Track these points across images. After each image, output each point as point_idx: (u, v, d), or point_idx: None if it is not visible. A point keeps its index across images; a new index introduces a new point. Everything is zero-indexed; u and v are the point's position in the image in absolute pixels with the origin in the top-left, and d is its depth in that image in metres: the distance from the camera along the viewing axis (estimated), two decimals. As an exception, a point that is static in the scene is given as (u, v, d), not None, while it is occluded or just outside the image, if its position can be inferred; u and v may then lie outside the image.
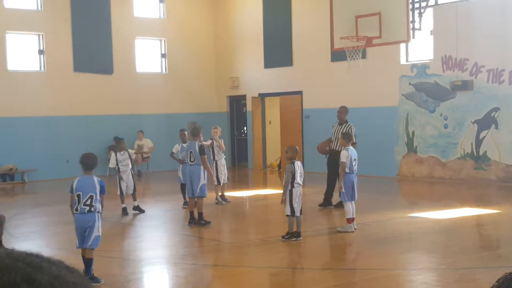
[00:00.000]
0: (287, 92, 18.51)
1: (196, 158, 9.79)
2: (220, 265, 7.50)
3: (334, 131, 11.10)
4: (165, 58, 19.91)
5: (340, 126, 11.00)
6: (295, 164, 8.25)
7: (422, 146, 15.39)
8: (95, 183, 6.26)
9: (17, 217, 11.05)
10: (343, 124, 11.00)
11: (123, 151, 11.15)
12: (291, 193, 8.20)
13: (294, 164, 8.23)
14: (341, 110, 11.21)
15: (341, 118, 11.14)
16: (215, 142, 12.01)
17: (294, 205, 8.21)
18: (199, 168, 9.79)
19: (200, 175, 9.75)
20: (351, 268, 7.23)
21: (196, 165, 9.80)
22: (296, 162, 8.31)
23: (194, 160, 9.82)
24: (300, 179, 8.28)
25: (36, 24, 17.55)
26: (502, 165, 13.91)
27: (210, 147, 11.86)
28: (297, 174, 8.19)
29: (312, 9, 17.54)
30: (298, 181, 8.23)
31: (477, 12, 14.15)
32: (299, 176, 8.24)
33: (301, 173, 8.32)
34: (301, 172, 8.30)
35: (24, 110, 17.25)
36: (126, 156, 11.13)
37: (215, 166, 11.88)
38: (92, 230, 6.23)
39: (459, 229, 9.15)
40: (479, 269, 6.82)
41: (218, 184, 11.87)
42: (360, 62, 13.23)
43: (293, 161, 8.30)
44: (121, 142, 11.40)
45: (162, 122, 19.54)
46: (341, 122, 11.11)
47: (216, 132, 12.12)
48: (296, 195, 8.22)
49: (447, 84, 14.70)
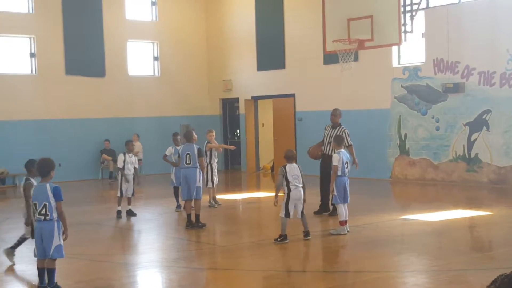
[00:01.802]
0: (280, 94, 18.53)
1: (193, 160, 9.77)
2: (213, 268, 7.48)
3: (326, 135, 10.79)
4: (157, 61, 19.89)
5: (333, 129, 10.74)
6: (286, 167, 8.26)
7: (414, 149, 15.44)
8: (48, 191, 5.98)
9: (8, 221, 10.99)
10: (336, 128, 10.74)
11: (131, 153, 11.16)
12: (289, 196, 8.21)
13: (285, 167, 8.25)
14: (335, 113, 10.86)
15: (335, 121, 10.82)
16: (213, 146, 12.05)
17: (290, 207, 8.22)
18: (195, 170, 9.78)
19: (196, 177, 9.77)
20: (344, 271, 7.23)
21: (192, 168, 9.78)
22: (288, 165, 8.31)
23: (190, 162, 9.79)
24: (296, 181, 8.26)
25: (28, 27, 17.49)
26: (494, 167, 13.98)
27: (208, 151, 11.90)
28: (289, 176, 8.19)
29: (304, 12, 17.58)
30: (295, 184, 8.22)
31: (468, 15, 14.23)
32: (293, 178, 8.24)
33: (297, 176, 8.29)
34: (296, 174, 8.29)
35: (15, 113, 17.17)
36: (133, 160, 11.14)
37: (211, 169, 11.92)
38: (50, 238, 5.98)
39: (451, 231, 9.18)
40: (471, 270, 6.84)
41: (212, 187, 11.90)
42: (353, 65, 13.26)
43: (285, 164, 8.32)
44: (128, 144, 11.38)
45: (154, 125, 19.51)
46: (334, 125, 10.82)
47: (212, 135, 12.13)
48: (294, 198, 8.22)
49: (439, 87, 14.76)
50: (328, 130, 10.87)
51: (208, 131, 12.33)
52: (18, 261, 7.71)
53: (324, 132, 10.95)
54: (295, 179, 8.24)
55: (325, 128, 11.02)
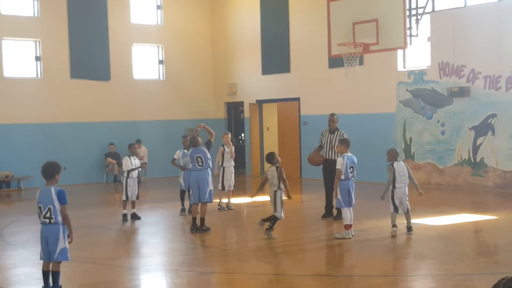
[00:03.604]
0: (285, 98, 18.53)
1: (205, 162, 9.73)
2: (217, 272, 7.47)
3: (325, 140, 10.73)
4: (162, 65, 19.93)
5: (332, 134, 10.70)
6: (394, 164, 9.04)
7: (419, 153, 15.40)
8: (52, 195, 6.01)
9: (13, 224, 11.02)
10: (334, 132, 10.70)
11: (134, 156, 11.17)
12: (393, 193, 9.01)
13: (393, 165, 9.03)
14: (332, 119, 10.80)
15: (333, 126, 10.77)
16: (227, 149, 12.04)
17: (396, 202, 9.01)
18: (207, 173, 9.75)
19: (208, 180, 9.73)
20: (349, 275, 7.21)
21: (204, 170, 9.73)
22: (396, 163, 9.06)
23: (202, 164, 9.73)
24: (403, 178, 8.98)
25: (33, 30, 17.56)
26: (499, 171, 13.92)
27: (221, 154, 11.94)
28: (397, 174, 8.93)
29: (309, 16, 17.58)
30: (401, 181, 8.96)
31: (474, 19, 14.20)
32: (400, 176, 8.95)
33: (403, 173, 8.99)
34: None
35: (21, 116, 17.23)
36: (137, 162, 11.15)
37: (223, 172, 11.94)
38: (56, 241, 5.99)
39: (457, 235, 9.14)
40: (476, 275, 6.81)
41: (222, 190, 11.94)
42: (358, 69, 13.24)
43: (392, 162, 9.11)
44: (131, 147, 11.32)
45: (159, 128, 19.53)
46: (332, 130, 10.75)
47: (227, 138, 12.13)
48: (398, 194, 8.99)
49: (444, 91, 14.73)
50: (326, 136, 10.79)
51: (224, 133, 12.36)
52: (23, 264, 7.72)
53: (321, 138, 10.88)
54: (401, 176, 8.95)
55: (322, 133, 10.93)
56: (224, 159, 12.02)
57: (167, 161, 13.48)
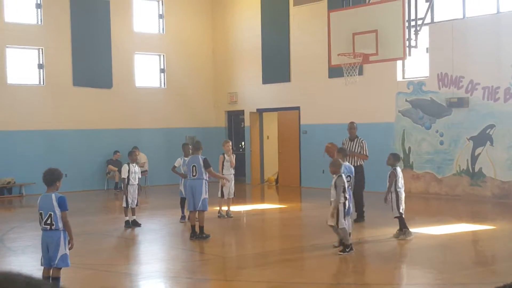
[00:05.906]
0: (285, 107, 18.63)
1: (199, 172, 9.80)
2: (217, 279, 7.53)
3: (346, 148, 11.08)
4: (164, 73, 20.04)
5: (352, 141, 11.24)
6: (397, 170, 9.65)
7: (418, 162, 15.47)
8: (53, 201, 6.06)
9: (14, 230, 11.08)
10: (354, 140, 11.24)
11: (134, 163, 11.21)
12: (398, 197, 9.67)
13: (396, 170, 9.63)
14: (352, 127, 11.45)
15: (353, 134, 11.38)
16: (227, 157, 12.11)
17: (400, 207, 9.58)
18: (201, 182, 9.81)
19: (202, 189, 9.78)
20: (348, 283, 7.26)
21: (198, 179, 9.80)
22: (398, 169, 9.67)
23: (196, 174, 9.82)
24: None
25: (36, 39, 17.69)
26: (498, 182, 13.99)
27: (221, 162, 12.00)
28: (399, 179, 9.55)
29: (309, 26, 17.72)
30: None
31: (473, 30, 14.32)
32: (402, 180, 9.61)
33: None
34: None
35: (23, 123, 17.32)
36: (137, 170, 11.21)
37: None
38: (56, 248, 6.06)
39: (455, 245, 9.20)
40: (474, 284, 6.87)
41: (222, 197, 12.00)
42: (357, 79, 13.34)
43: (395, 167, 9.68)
44: (132, 154, 11.34)
45: (160, 136, 19.61)
46: (352, 137, 11.35)
47: (228, 146, 12.21)
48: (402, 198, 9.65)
49: (443, 101, 14.82)
50: (347, 143, 11.33)
51: (224, 142, 12.44)
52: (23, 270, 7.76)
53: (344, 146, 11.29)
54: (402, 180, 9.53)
55: (343, 142, 11.44)
56: (223, 167, 12.10)
57: (168, 168, 13.53)
